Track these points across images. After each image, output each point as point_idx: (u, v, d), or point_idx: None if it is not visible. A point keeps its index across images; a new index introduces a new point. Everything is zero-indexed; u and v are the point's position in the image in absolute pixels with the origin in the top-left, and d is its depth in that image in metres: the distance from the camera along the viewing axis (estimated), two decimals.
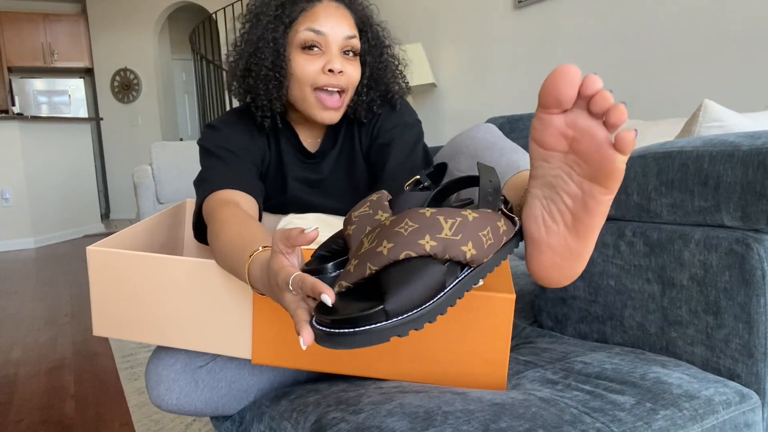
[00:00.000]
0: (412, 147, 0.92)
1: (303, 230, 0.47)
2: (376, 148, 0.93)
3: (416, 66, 3.60)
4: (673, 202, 0.72)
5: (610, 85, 2.74)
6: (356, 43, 0.86)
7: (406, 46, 3.88)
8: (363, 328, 0.43)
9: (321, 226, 0.87)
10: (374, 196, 0.60)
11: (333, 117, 0.86)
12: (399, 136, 0.92)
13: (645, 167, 0.75)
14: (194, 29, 6.08)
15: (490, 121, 3.22)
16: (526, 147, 2.43)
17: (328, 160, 0.96)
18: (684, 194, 0.70)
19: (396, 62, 0.96)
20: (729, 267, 0.66)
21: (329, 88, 0.84)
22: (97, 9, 6.65)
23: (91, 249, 0.73)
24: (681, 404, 0.56)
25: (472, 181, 0.59)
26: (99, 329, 0.76)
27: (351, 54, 0.86)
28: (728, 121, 1.47)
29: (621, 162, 0.46)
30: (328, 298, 0.43)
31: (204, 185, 0.84)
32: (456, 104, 3.75)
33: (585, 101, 0.47)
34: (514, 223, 0.56)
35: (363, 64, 0.91)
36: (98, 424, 1.47)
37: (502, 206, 0.56)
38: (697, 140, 0.71)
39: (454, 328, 0.63)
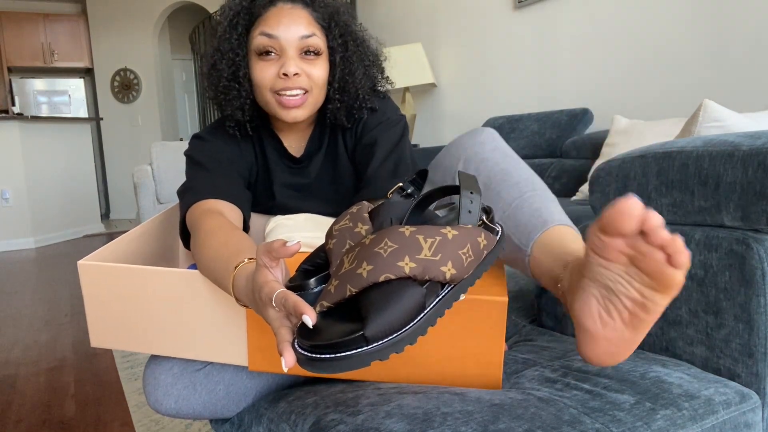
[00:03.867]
0: (395, 145, 0.91)
1: (285, 243, 0.47)
2: (361, 148, 0.92)
3: (416, 66, 3.60)
4: (673, 202, 0.72)
5: (609, 83, 2.74)
6: (315, 42, 0.83)
7: (406, 46, 3.85)
8: (343, 354, 0.43)
9: (310, 225, 0.86)
10: (354, 209, 0.60)
11: (297, 115, 0.84)
12: (382, 135, 0.91)
13: (645, 167, 0.75)
14: (194, 29, 6.09)
15: (490, 121, 3.22)
16: (527, 146, 2.44)
17: (314, 163, 0.95)
18: (684, 194, 0.70)
19: (372, 58, 0.93)
20: (729, 267, 0.66)
21: (287, 92, 0.82)
22: (97, 9, 6.65)
23: (83, 263, 0.72)
24: (680, 404, 0.56)
25: (453, 189, 0.59)
26: (96, 341, 0.76)
27: (312, 54, 0.84)
28: (728, 121, 1.47)
29: (681, 276, 0.47)
30: (309, 319, 0.43)
31: (188, 195, 0.83)
32: (456, 104, 3.75)
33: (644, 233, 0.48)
34: (495, 233, 0.55)
35: (332, 64, 0.88)
36: (98, 424, 1.47)
37: (484, 217, 0.56)
38: (697, 140, 0.71)
39: (449, 332, 0.63)
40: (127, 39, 6.63)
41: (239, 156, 0.92)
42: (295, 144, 0.96)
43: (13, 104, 6.62)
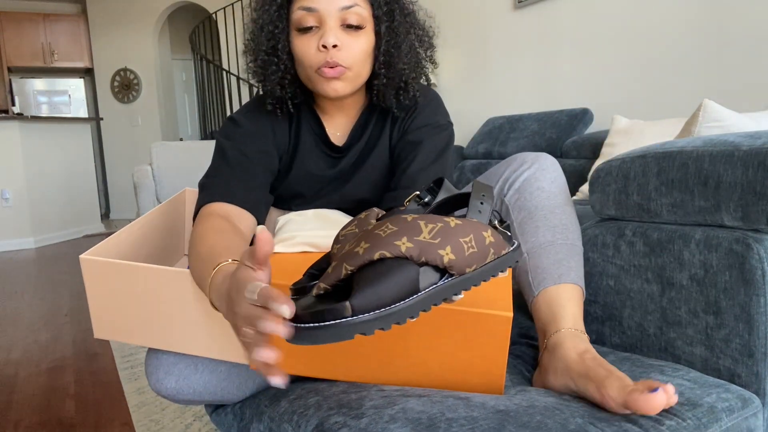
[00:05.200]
0: (439, 153, 0.89)
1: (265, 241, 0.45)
2: (403, 144, 0.90)
3: None
4: (673, 202, 0.72)
5: (609, 83, 2.74)
6: (358, 12, 0.79)
7: None
8: (327, 323, 0.42)
9: (318, 223, 0.86)
10: (363, 215, 0.59)
11: (337, 87, 0.81)
12: (428, 137, 0.89)
13: (645, 167, 0.75)
14: (194, 29, 6.08)
15: (490, 120, 3.22)
16: (527, 146, 2.44)
17: (352, 154, 0.92)
18: (684, 194, 0.70)
19: (419, 32, 0.88)
20: (729, 267, 0.66)
21: (328, 67, 0.80)
22: (97, 9, 6.64)
23: (84, 258, 0.73)
24: (684, 414, 0.56)
25: (468, 197, 0.58)
26: (99, 332, 0.76)
27: (354, 28, 0.80)
28: (728, 121, 1.47)
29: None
30: (287, 309, 0.41)
31: (204, 192, 0.82)
32: (456, 104, 3.75)
33: None
34: (510, 242, 0.55)
35: (378, 35, 0.83)
36: (98, 424, 1.47)
37: (496, 223, 0.55)
38: (697, 140, 0.71)
39: (452, 343, 0.63)
40: (127, 39, 6.63)
41: (271, 140, 0.88)
42: (337, 130, 0.92)
43: (13, 104, 6.62)
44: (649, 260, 0.76)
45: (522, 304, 0.93)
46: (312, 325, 0.42)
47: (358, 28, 0.80)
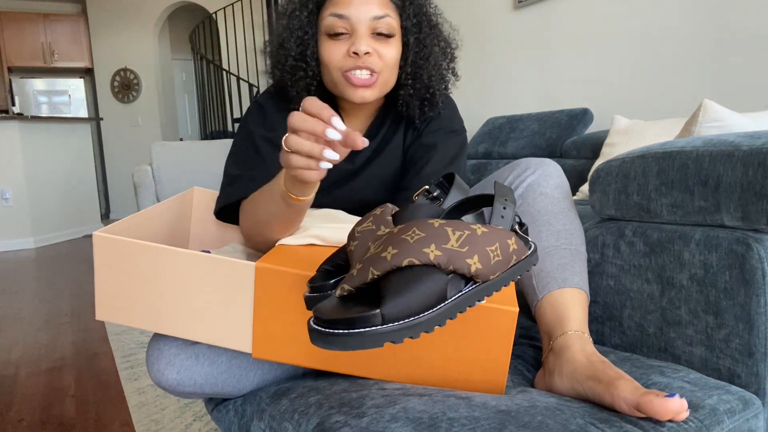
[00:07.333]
0: (453, 157, 0.90)
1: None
2: (417, 146, 0.91)
3: None
4: (673, 202, 0.72)
5: (609, 83, 2.74)
6: (389, 22, 0.81)
7: None
8: (357, 330, 0.43)
9: (327, 222, 0.86)
10: (378, 210, 0.59)
11: (365, 95, 0.83)
12: (443, 142, 0.90)
13: (645, 167, 0.75)
14: (194, 29, 6.08)
15: (490, 120, 3.22)
16: (527, 146, 2.44)
17: (365, 150, 0.93)
18: (684, 194, 0.70)
19: (443, 44, 0.90)
20: (729, 267, 0.66)
21: (356, 72, 0.81)
22: (97, 9, 6.64)
23: (98, 234, 0.73)
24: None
25: (487, 199, 0.59)
26: (101, 314, 0.76)
27: (384, 36, 0.82)
28: (728, 121, 1.47)
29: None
30: (338, 120, 0.53)
31: (237, 185, 0.83)
32: (456, 104, 3.75)
33: None
34: (528, 245, 0.55)
35: (405, 46, 0.85)
36: (98, 424, 1.47)
37: (516, 227, 0.55)
38: (697, 140, 0.71)
39: (456, 337, 0.63)
40: (127, 39, 6.63)
41: None
42: (353, 127, 0.93)
43: (13, 104, 6.62)
44: (649, 260, 0.76)
45: (522, 304, 0.93)
46: (342, 331, 0.43)
47: (388, 36, 0.82)
